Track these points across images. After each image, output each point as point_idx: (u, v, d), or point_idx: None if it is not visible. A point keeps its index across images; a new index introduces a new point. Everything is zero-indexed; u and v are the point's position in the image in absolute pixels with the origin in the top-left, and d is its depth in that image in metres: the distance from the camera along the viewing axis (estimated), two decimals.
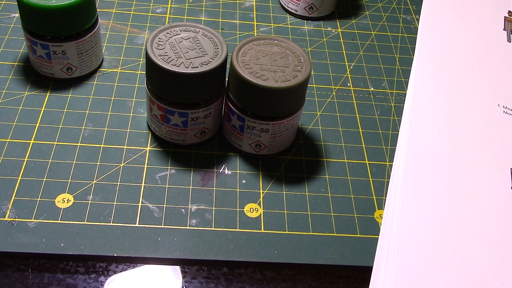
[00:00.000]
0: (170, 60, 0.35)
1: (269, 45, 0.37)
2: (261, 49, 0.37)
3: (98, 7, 0.50)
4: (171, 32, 0.37)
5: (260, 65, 0.36)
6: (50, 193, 0.35)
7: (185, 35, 0.37)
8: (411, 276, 0.32)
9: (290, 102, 0.36)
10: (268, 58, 0.36)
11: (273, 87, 0.34)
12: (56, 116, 0.40)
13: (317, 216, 0.36)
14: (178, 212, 0.35)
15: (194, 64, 0.35)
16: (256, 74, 0.35)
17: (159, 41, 0.36)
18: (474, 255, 0.34)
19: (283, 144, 0.39)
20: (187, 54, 0.35)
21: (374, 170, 0.40)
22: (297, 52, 0.37)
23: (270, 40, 0.38)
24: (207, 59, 0.35)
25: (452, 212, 0.36)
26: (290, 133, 0.38)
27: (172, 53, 0.35)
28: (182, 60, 0.35)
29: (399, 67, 0.49)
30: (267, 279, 0.33)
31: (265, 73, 0.35)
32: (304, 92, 0.37)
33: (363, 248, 0.35)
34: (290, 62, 0.36)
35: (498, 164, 0.40)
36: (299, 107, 0.37)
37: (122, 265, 0.33)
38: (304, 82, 0.35)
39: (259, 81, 0.34)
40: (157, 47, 0.35)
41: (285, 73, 0.35)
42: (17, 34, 0.46)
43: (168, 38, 0.36)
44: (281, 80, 0.35)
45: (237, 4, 0.53)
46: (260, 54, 0.37)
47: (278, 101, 0.35)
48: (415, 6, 0.57)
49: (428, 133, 0.41)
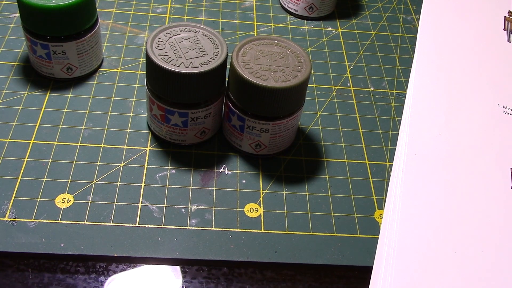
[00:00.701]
0: (170, 60, 0.35)
1: (269, 45, 0.37)
2: (261, 49, 0.37)
3: (98, 7, 0.50)
4: (171, 32, 0.37)
5: (260, 65, 0.36)
6: (50, 193, 0.35)
7: (185, 35, 0.37)
8: (411, 276, 0.32)
9: (290, 102, 0.36)
10: (268, 58, 0.36)
11: (273, 87, 0.34)
12: (56, 116, 0.40)
13: (317, 216, 0.36)
14: (178, 212, 0.35)
15: (194, 64, 0.35)
16: (256, 74, 0.35)
17: (159, 41, 0.36)
18: (474, 255, 0.34)
19: (283, 144, 0.39)
20: (187, 54, 0.35)
21: (374, 170, 0.40)
22: (297, 52, 0.37)
23: (270, 40, 0.38)
24: (207, 59, 0.35)
25: (452, 212, 0.36)
26: (290, 133, 0.38)
27: (172, 53, 0.35)
28: (182, 60, 0.35)
29: (399, 67, 0.49)
30: (267, 279, 0.33)
31: (265, 73, 0.35)
32: (304, 92, 0.37)
33: (363, 248, 0.35)
34: (290, 62, 0.36)
35: (498, 164, 0.40)
36: (299, 107, 0.37)
37: (122, 265, 0.33)
38: (304, 82, 0.35)
39: (259, 81, 0.34)
40: (157, 47, 0.35)
41: (285, 73, 0.35)
42: (17, 34, 0.46)
43: (168, 38, 0.36)
44: (281, 80, 0.35)
45: (237, 4, 0.53)
46: (260, 54, 0.37)
47: (278, 101, 0.35)
48: (415, 6, 0.57)
49: (428, 133, 0.41)
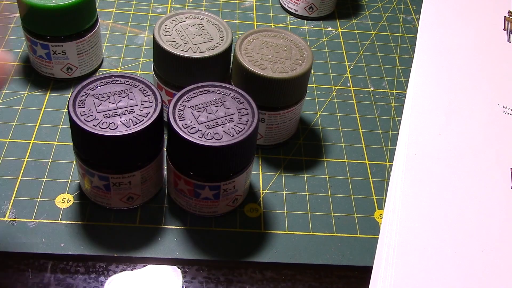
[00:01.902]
0: (178, 45, 0.36)
1: (275, 37, 0.38)
2: (266, 40, 0.38)
3: (98, 7, 0.50)
4: (176, 19, 0.38)
5: (261, 54, 0.36)
6: (50, 193, 0.35)
7: (190, 22, 0.38)
8: (411, 276, 0.32)
9: (286, 94, 0.36)
10: (271, 49, 0.37)
11: (269, 76, 0.35)
12: (56, 116, 0.40)
13: (317, 216, 0.36)
14: (178, 212, 0.35)
15: (201, 49, 0.36)
16: (255, 63, 0.35)
17: (165, 28, 0.37)
18: (474, 255, 0.34)
19: (280, 136, 0.39)
20: (194, 40, 0.36)
21: (374, 170, 0.40)
22: (302, 47, 0.37)
23: (277, 32, 0.38)
24: (213, 44, 0.36)
25: (452, 212, 0.36)
26: (288, 126, 0.39)
27: (179, 39, 0.36)
28: (190, 46, 0.36)
29: (399, 67, 0.49)
30: (267, 279, 0.33)
31: (264, 63, 0.36)
32: (301, 86, 0.37)
33: (363, 248, 0.35)
34: (292, 55, 0.37)
35: (498, 164, 0.40)
36: (297, 101, 0.37)
37: (122, 265, 0.33)
38: (301, 75, 0.35)
39: (257, 70, 0.35)
40: (165, 34, 0.36)
41: (284, 65, 0.36)
42: (17, 34, 0.46)
43: (175, 25, 0.37)
44: (279, 71, 0.35)
45: (237, 4, 0.53)
46: (265, 44, 0.37)
47: (273, 91, 0.35)
48: (415, 6, 0.57)
49: (428, 133, 0.41)
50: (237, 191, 0.34)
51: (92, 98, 0.31)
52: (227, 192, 0.33)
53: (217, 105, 0.32)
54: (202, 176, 0.32)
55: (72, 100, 0.30)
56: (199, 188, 0.32)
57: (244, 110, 0.32)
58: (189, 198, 0.33)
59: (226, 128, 0.31)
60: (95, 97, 0.31)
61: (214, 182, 0.32)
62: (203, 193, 0.33)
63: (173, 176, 0.33)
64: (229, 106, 0.32)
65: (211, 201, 0.33)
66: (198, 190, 0.33)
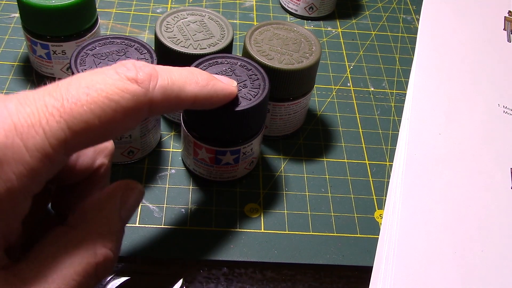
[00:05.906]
0: (179, 42, 0.36)
1: (286, 30, 0.39)
2: (278, 32, 0.38)
3: (98, 7, 0.50)
4: (178, 16, 0.38)
5: (270, 46, 0.37)
6: None
7: (192, 19, 0.38)
8: (411, 276, 0.32)
9: (290, 85, 0.36)
10: (280, 41, 0.37)
11: (274, 67, 0.35)
12: None
13: (317, 216, 0.36)
14: (178, 212, 0.35)
15: (202, 46, 0.36)
16: (263, 53, 0.36)
17: (167, 25, 0.37)
18: (474, 255, 0.34)
19: (284, 128, 0.39)
20: (195, 36, 0.37)
21: (374, 170, 0.40)
22: (312, 41, 0.38)
23: (289, 26, 0.39)
24: (214, 40, 0.37)
25: (452, 212, 0.36)
26: (292, 119, 0.39)
27: (180, 36, 0.37)
28: (191, 42, 0.36)
29: (399, 67, 0.49)
30: (267, 279, 0.33)
31: (272, 54, 0.36)
32: (307, 80, 0.37)
33: (363, 248, 0.35)
34: (301, 48, 0.37)
35: (498, 164, 0.40)
36: (302, 95, 0.38)
37: (122, 265, 0.33)
38: (306, 68, 0.36)
39: (263, 59, 0.35)
40: (166, 30, 0.37)
41: (292, 57, 0.36)
42: (17, 34, 0.46)
43: (176, 22, 0.38)
44: (285, 62, 0.36)
45: (237, 4, 0.53)
46: (275, 36, 0.38)
47: (277, 81, 0.36)
48: (415, 6, 0.57)
49: (428, 133, 0.41)
50: (253, 153, 0.36)
51: (92, 58, 0.33)
52: (246, 155, 0.35)
53: (228, 74, 0.33)
54: (224, 142, 0.34)
55: (73, 59, 0.33)
56: (220, 154, 0.34)
57: (254, 76, 0.33)
58: (210, 166, 0.35)
59: (243, 94, 0.32)
60: (95, 56, 0.33)
61: (234, 147, 0.34)
62: (224, 159, 0.35)
63: (193, 146, 0.35)
64: (240, 74, 0.33)
65: (231, 166, 0.35)
66: (220, 156, 0.34)
